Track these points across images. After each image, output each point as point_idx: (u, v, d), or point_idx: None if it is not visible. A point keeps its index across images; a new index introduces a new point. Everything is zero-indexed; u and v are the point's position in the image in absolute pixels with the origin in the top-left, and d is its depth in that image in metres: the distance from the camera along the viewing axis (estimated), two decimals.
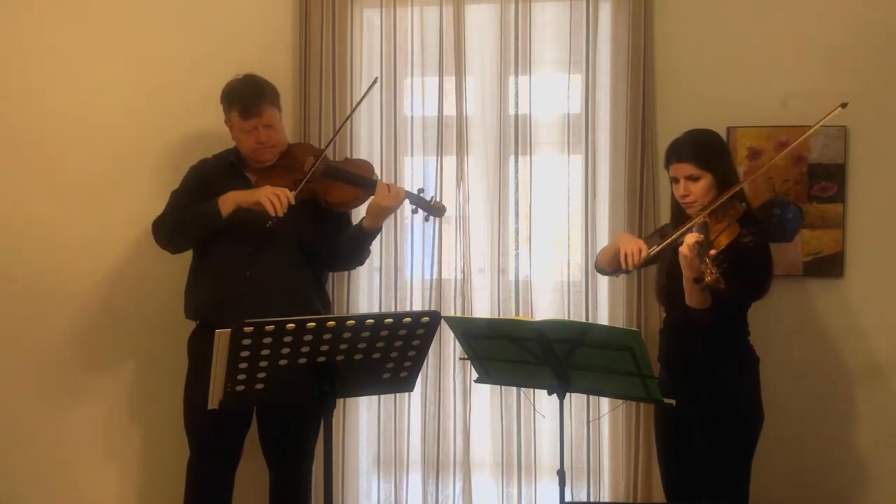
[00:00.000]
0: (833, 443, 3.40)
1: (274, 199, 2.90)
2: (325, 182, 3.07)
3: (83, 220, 3.64)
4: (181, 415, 3.15)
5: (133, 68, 3.61)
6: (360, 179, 3.09)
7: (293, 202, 2.93)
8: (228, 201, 3.00)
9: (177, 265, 3.22)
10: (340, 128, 3.21)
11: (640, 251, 2.71)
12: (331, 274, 3.45)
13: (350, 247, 3.14)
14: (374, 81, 3.29)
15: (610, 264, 2.91)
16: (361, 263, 3.28)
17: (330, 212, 3.11)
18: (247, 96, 3.03)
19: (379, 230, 3.13)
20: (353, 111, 3.27)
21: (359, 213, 3.24)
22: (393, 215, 3.44)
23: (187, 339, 3.17)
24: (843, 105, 2.76)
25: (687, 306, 2.65)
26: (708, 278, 2.43)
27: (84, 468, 3.69)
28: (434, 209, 3.11)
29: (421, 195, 3.11)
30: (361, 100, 3.25)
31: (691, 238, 2.52)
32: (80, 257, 3.64)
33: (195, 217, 3.05)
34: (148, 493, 3.69)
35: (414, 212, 3.15)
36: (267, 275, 3.02)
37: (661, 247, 2.72)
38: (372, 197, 3.06)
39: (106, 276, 3.64)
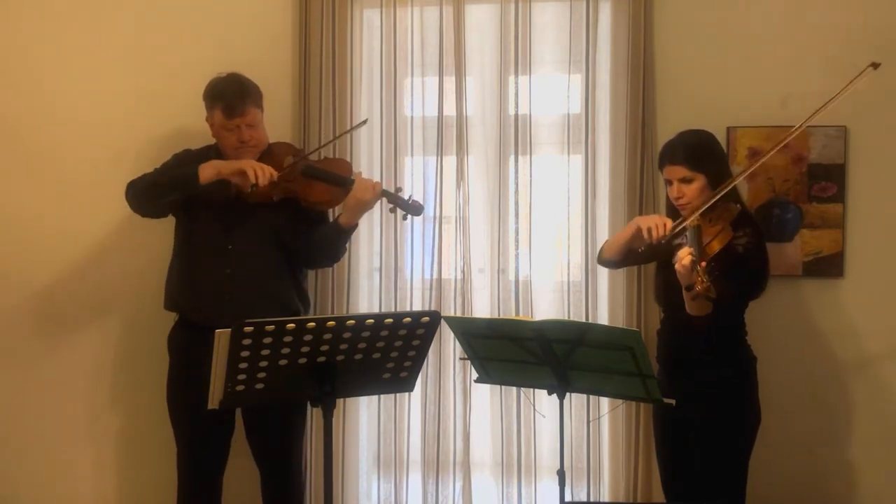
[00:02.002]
0: (831, 443, 3.40)
1: (258, 168, 2.92)
2: (304, 182, 3.07)
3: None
4: (161, 406, 3.16)
5: (132, 68, 3.61)
6: (339, 179, 3.08)
7: (276, 179, 2.94)
8: (209, 168, 2.97)
9: (158, 255, 3.23)
10: (330, 142, 3.25)
11: (664, 224, 2.65)
12: (331, 275, 3.46)
13: (326, 244, 3.11)
14: (363, 122, 3.28)
15: (622, 251, 2.86)
16: (337, 260, 3.25)
17: (310, 211, 3.11)
18: (231, 95, 3.03)
19: (355, 227, 3.08)
20: (337, 137, 3.32)
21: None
22: (393, 217, 3.46)
23: (167, 334, 3.17)
24: (875, 65, 2.70)
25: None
26: (699, 287, 2.38)
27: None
28: (411, 208, 3.08)
29: (398, 194, 3.10)
30: (349, 131, 3.34)
31: (685, 252, 2.47)
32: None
33: (172, 178, 3.04)
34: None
35: (392, 210, 3.12)
36: (247, 273, 3.02)
37: (681, 225, 2.63)
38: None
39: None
